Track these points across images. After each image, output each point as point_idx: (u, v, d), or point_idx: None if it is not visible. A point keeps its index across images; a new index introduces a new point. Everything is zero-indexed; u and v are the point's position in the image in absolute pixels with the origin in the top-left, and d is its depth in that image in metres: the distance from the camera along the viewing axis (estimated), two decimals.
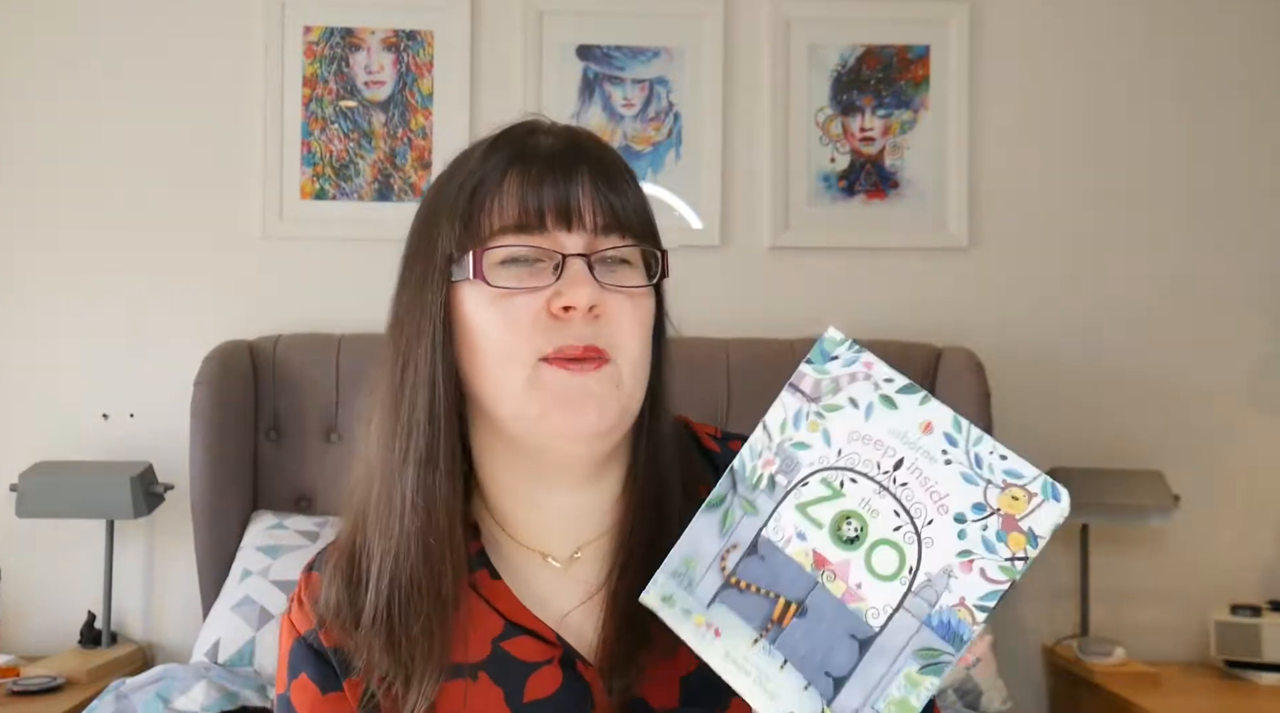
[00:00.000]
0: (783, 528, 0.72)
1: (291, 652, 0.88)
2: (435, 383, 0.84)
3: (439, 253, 0.86)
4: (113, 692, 1.94)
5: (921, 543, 0.69)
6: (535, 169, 0.84)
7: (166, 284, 2.55)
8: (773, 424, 0.75)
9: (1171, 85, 2.64)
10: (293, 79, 2.58)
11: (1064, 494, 0.69)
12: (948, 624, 0.67)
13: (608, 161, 0.86)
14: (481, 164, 0.86)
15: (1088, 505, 2.41)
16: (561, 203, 0.83)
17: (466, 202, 0.85)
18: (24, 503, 2.34)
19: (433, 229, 0.88)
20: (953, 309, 2.59)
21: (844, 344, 0.77)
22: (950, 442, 0.70)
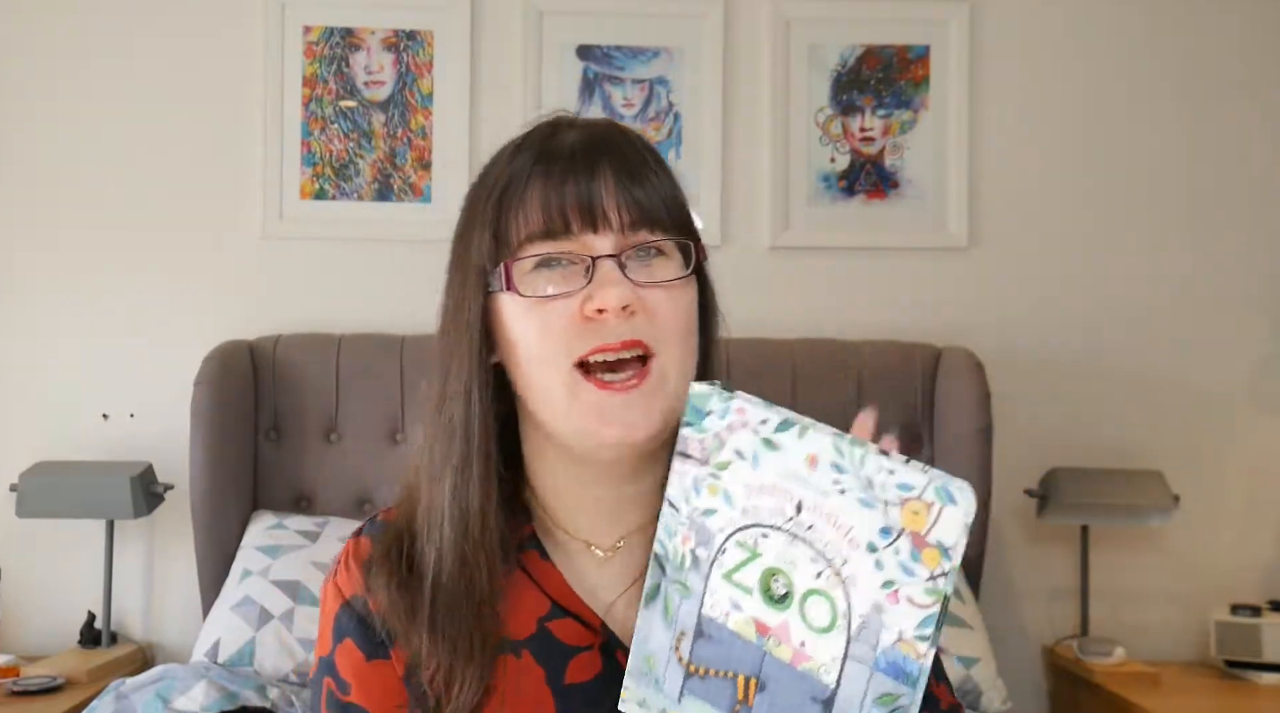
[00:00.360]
0: (719, 603, 0.70)
1: (337, 616, 0.88)
2: (471, 392, 0.85)
3: (474, 263, 0.86)
4: (113, 692, 1.94)
5: (845, 584, 0.65)
6: (557, 170, 0.83)
7: (166, 284, 2.55)
8: (677, 498, 0.72)
9: (1171, 85, 2.64)
10: (293, 79, 2.58)
11: (961, 492, 0.63)
12: (895, 664, 0.64)
13: (631, 154, 0.85)
14: (507, 167, 0.86)
15: (1088, 506, 2.41)
16: (584, 204, 0.82)
17: (495, 209, 0.85)
18: (24, 503, 2.34)
19: (468, 238, 0.88)
20: (953, 309, 2.59)
21: (713, 396, 0.71)
22: (838, 470, 0.66)
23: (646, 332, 0.82)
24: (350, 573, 0.88)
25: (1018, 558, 2.59)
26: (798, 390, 2.40)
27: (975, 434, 2.32)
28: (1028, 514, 2.57)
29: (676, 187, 0.87)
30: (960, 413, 2.35)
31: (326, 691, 0.87)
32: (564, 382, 0.82)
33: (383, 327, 2.49)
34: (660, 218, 0.85)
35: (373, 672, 0.86)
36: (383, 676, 0.86)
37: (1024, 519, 2.58)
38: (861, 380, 2.42)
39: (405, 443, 2.42)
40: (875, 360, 2.44)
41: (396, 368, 2.41)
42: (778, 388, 2.37)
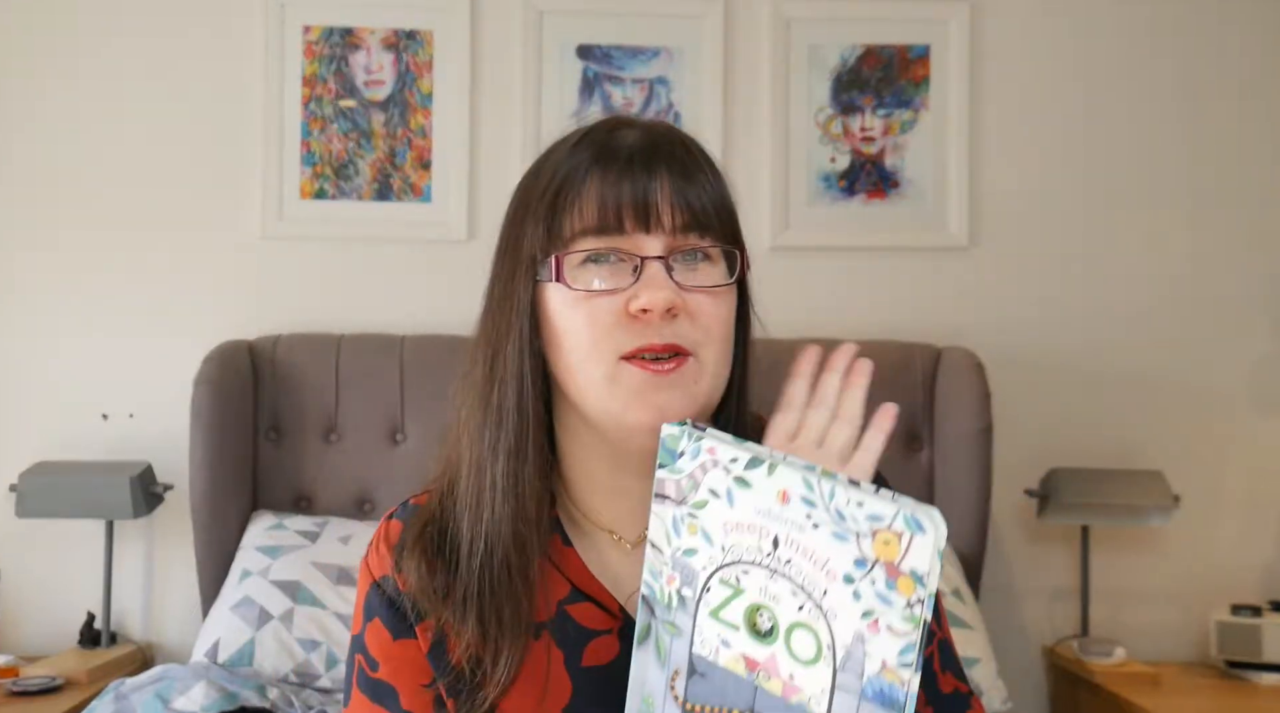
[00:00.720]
0: (708, 640, 0.71)
1: (367, 596, 0.93)
2: (524, 377, 0.87)
3: (525, 252, 0.88)
4: (112, 692, 1.94)
5: (827, 616, 0.66)
6: (615, 169, 0.85)
7: (166, 284, 2.55)
8: (659, 539, 0.73)
9: (1171, 85, 2.64)
10: (293, 79, 2.58)
11: (930, 519, 0.63)
12: (882, 692, 0.64)
13: (687, 158, 0.88)
14: (565, 162, 0.88)
15: (1088, 506, 2.41)
16: (639, 204, 0.85)
17: (550, 203, 0.87)
18: (24, 503, 2.34)
19: (520, 227, 0.89)
20: (953, 309, 2.59)
21: (682, 436, 0.72)
22: (808, 504, 0.66)
23: (688, 335, 0.85)
24: (380, 555, 0.93)
25: (1018, 558, 2.59)
26: None
27: (975, 434, 2.32)
28: (1028, 514, 2.57)
29: (727, 193, 0.90)
30: (960, 413, 2.35)
31: (358, 667, 0.92)
32: (606, 372, 0.85)
33: (383, 327, 2.49)
34: (710, 223, 0.87)
35: (400, 650, 0.90)
36: (409, 654, 0.90)
37: (1024, 519, 2.58)
38: None
39: (405, 443, 2.42)
40: (875, 360, 2.42)
41: (396, 368, 2.41)
42: (778, 388, 2.36)
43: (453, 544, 0.89)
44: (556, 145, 0.91)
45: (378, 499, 2.42)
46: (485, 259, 0.94)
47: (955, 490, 2.36)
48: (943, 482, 2.40)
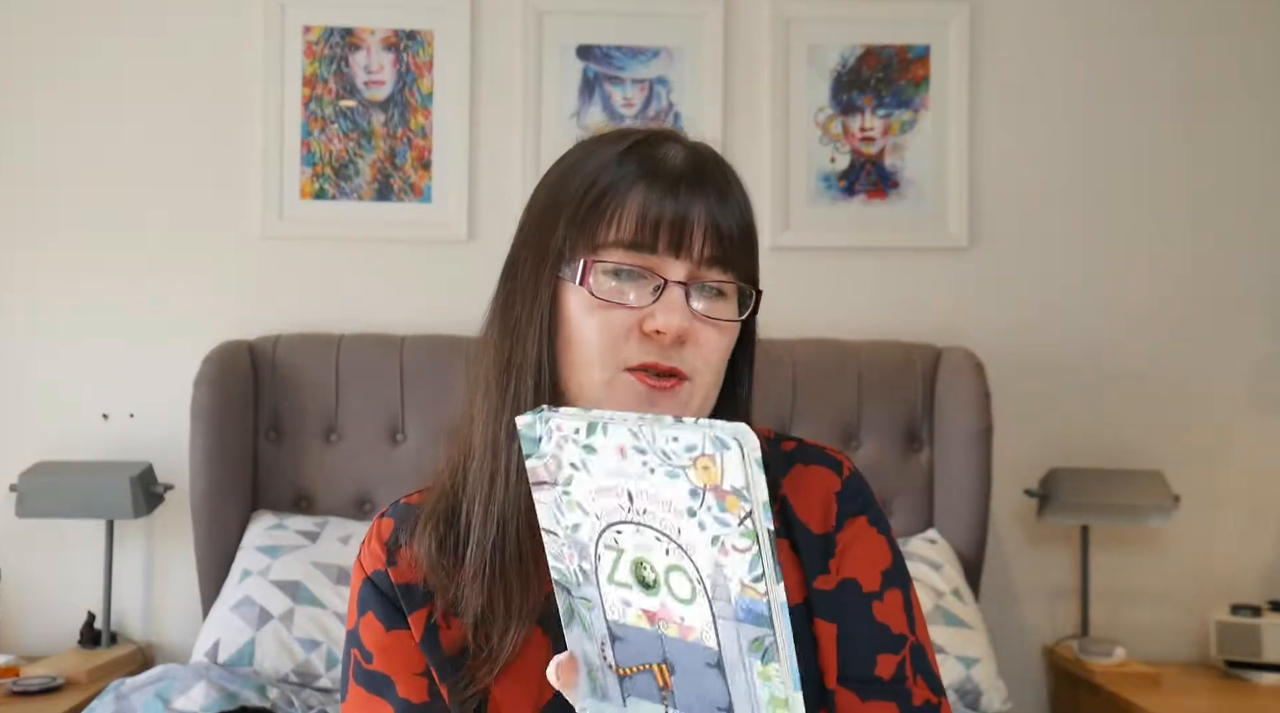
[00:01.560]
0: (614, 604, 0.74)
1: (360, 590, 0.95)
2: (541, 368, 0.89)
3: (552, 248, 0.89)
4: (113, 692, 1.94)
5: (688, 553, 0.69)
6: (660, 188, 0.87)
7: (166, 284, 2.55)
8: (549, 523, 0.76)
9: (1172, 85, 2.64)
10: (293, 79, 2.58)
11: (732, 435, 0.65)
12: (750, 610, 0.67)
13: (726, 189, 0.90)
14: (612, 168, 0.89)
15: (1088, 506, 2.41)
16: (676, 227, 0.87)
17: (589, 207, 0.88)
18: (24, 503, 2.34)
19: (550, 222, 0.90)
20: (953, 309, 2.59)
21: (536, 422, 0.75)
22: (640, 452, 0.69)
23: (690, 362, 0.88)
24: (372, 551, 0.95)
25: (1018, 558, 2.59)
26: (798, 390, 2.40)
27: (975, 434, 2.32)
28: (1028, 514, 2.57)
29: (754, 230, 0.93)
30: (960, 413, 2.35)
31: (353, 661, 0.94)
32: (607, 379, 0.87)
33: (383, 327, 2.49)
34: (736, 259, 0.90)
35: (393, 641, 0.93)
36: (402, 644, 0.92)
37: (1024, 519, 2.58)
38: (861, 380, 2.42)
39: (405, 443, 2.42)
40: (875, 360, 2.44)
41: (396, 368, 2.41)
42: (778, 388, 2.37)
43: (466, 524, 0.91)
44: (596, 145, 0.92)
45: (378, 499, 2.42)
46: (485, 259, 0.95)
47: (955, 491, 2.36)
48: (943, 482, 2.40)
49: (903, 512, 2.42)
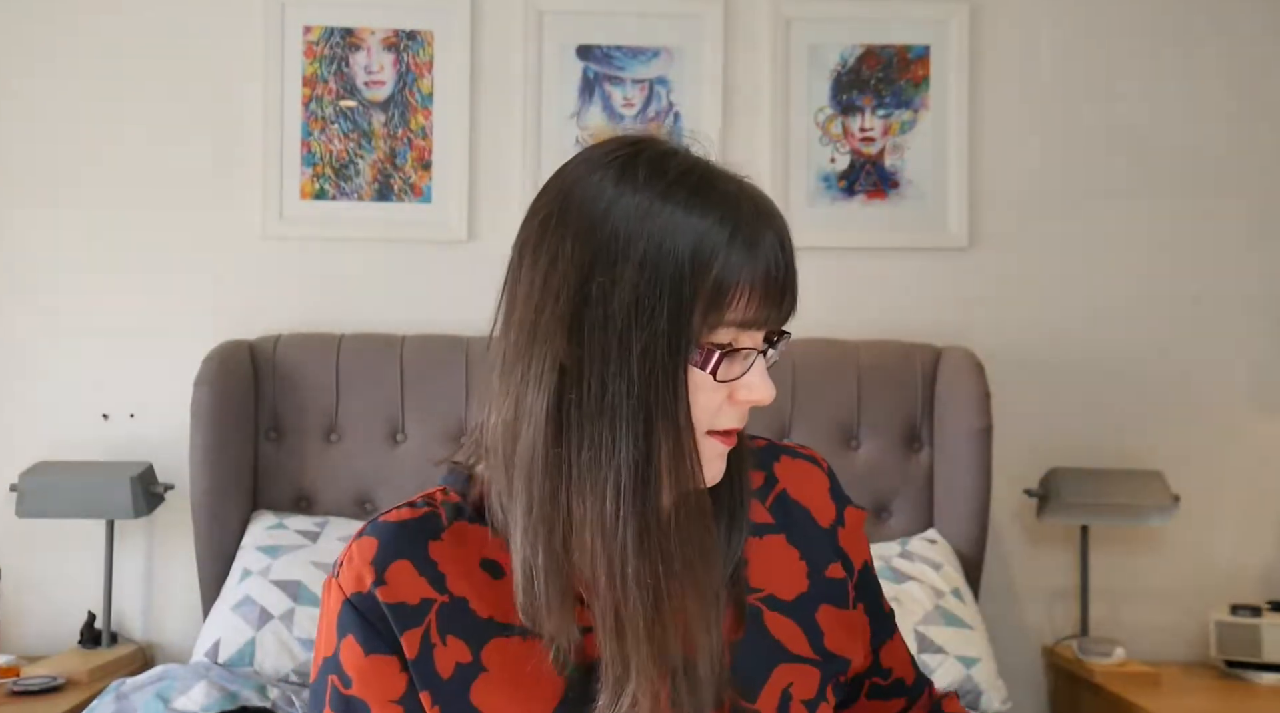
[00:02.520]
0: None
1: (340, 613, 0.90)
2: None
3: (684, 338, 0.85)
4: (113, 692, 1.94)
5: None
6: (778, 282, 0.90)
7: (166, 284, 2.55)
8: None
9: (1172, 85, 2.64)
10: (293, 79, 2.58)
11: None
12: None
13: (791, 250, 0.93)
14: (725, 252, 0.86)
15: (1087, 506, 2.41)
16: (785, 315, 0.91)
17: (711, 296, 0.85)
18: (24, 503, 2.34)
19: (673, 308, 0.84)
20: (953, 309, 2.59)
21: None
22: None
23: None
24: (353, 571, 0.90)
25: (1018, 558, 2.59)
26: (797, 390, 2.40)
27: (975, 434, 2.32)
28: (1028, 514, 2.57)
29: None
30: (960, 413, 2.35)
31: (331, 688, 0.89)
32: (686, 441, 0.85)
33: (383, 327, 2.49)
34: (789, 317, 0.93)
35: (370, 666, 0.88)
36: (380, 670, 0.88)
37: (1024, 519, 2.58)
38: (861, 380, 2.42)
39: (405, 443, 2.42)
40: (875, 360, 2.44)
41: (396, 368, 2.41)
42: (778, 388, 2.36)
43: (506, 520, 0.88)
44: (664, 203, 0.86)
45: (378, 499, 2.42)
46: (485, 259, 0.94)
47: (955, 490, 2.36)
48: (943, 482, 2.40)
49: (902, 512, 2.42)
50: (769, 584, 0.95)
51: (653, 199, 0.86)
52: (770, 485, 0.99)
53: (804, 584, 0.95)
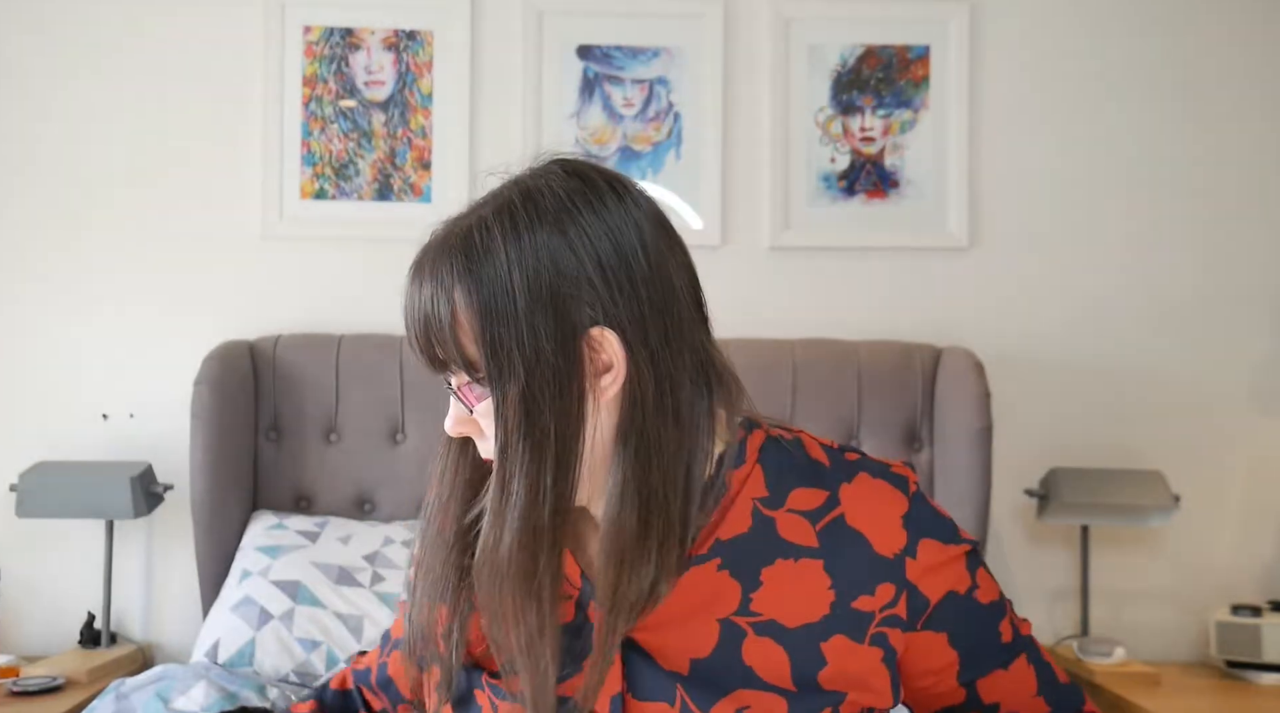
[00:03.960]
0: None
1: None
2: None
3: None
4: (113, 692, 1.94)
5: None
6: (409, 331, 1.03)
7: (166, 284, 2.55)
8: None
9: (1172, 85, 2.64)
10: (293, 79, 2.58)
11: None
12: None
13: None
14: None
15: (1088, 506, 2.41)
16: (426, 362, 1.01)
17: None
18: (24, 503, 2.34)
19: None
20: (953, 309, 2.59)
21: None
22: None
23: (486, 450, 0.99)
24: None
25: (1018, 558, 2.59)
26: (798, 390, 2.40)
27: (975, 434, 2.32)
28: (1028, 514, 2.57)
29: (439, 308, 0.98)
30: (960, 413, 2.35)
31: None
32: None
33: (383, 327, 2.49)
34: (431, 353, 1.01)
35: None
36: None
37: (1024, 519, 2.58)
38: (861, 380, 2.42)
39: (405, 443, 2.42)
40: (875, 360, 2.44)
41: (396, 368, 2.41)
42: (778, 388, 2.37)
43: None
44: (674, 236, 0.98)
45: (378, 499, 2.42)
46: None
47: (955, 490, 2.36)
48: (943, 482, 2.40)
49: None
50: (776, 611, 0.92)
51: None
52: (829, 508, 0.95)
53: (821, 612, 0.92)
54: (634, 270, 0.89)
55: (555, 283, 0.87)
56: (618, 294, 0.89)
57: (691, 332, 0.93)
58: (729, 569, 0.93)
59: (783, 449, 0.97)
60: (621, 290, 0.89)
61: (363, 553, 2.24)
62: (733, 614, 0.92)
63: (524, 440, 0.87)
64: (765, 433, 0.98)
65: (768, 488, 0.95)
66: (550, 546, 0.89)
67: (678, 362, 0.91)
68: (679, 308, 0.92)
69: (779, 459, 0.97)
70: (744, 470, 0.95)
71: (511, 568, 0.88)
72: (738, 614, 0.92)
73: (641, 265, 0.90)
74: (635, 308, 0.89)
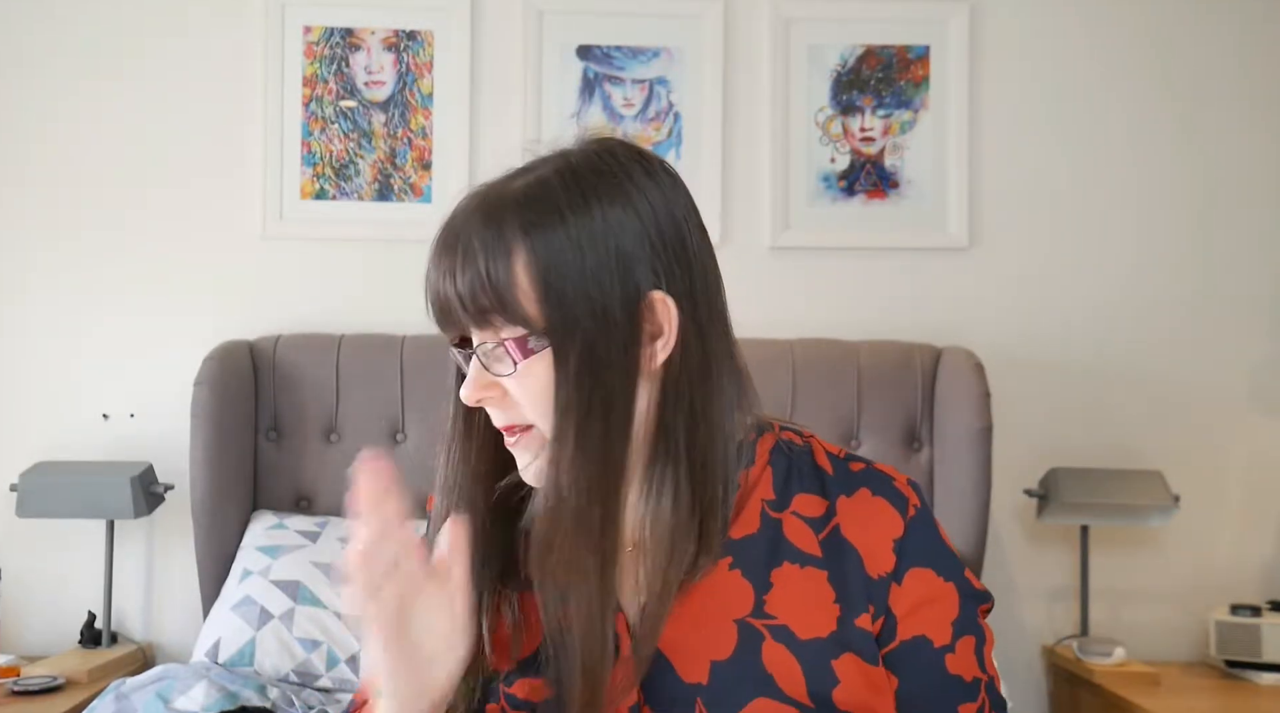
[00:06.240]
0: None
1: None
2: None
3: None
4: (113, 692, 1.94)
5: None
6: (429, 295, 0.98)
7: (166, 284, 2.55)
8: None
9: (1172, 85, 2.64)
10: (293, 79, 2.58)
11: None
12: None
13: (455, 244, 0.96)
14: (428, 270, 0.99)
15: (1087, 506, 2.41)
16: (445, 327, 0.96)
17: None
18: (24, 503, 2.34)
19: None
20: (953, 309, 2.59)
21: None
22: None
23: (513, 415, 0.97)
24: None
25: (1018, 558, 2.59)
26: (798, 390, 2.40)
27: (975, 434, 2.32)
28: (1028, 514, 2.57)
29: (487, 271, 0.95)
30: (960, 413, 2.35)
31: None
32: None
33: (383, 327, 2.49)
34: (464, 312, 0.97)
35: None
36: None
37: (1024, 519, 2.58)
38: (861, 380, 2.42)
39: (405, 443, 2.42)
40: (875, 360, 2.44)
41: (396, 368, 2.41)
42: (778, 388, 2.37)
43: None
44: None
45: None
46: None
47: (955, 490, 2.36)
48: (943, 482, 2.40)
49: None
50: (787, 616, 0.91)
51: None
52: (828, 518, 0.94)
53: (831, 627, 0.90)
54: (686, 244, 0.91)
55: (620, 243, 0.88)
56: (674, 263, 0.90)
57: (724, 318, 0.95)
58: (740, 569, 0.92)
59: (792, 453, 0.97)
60: (677, 260, 0.90)
61: None
62: (748, 616, 0.91)
63: (589, 393, 0.86)
64: (775, 436, 0.98)
65: (775, 490, 0.94)
66: (611, 495, 0.88)
67: (719, 340, 0.93)
68: (717, 289, 0.94)
69: (787, 463, 0.96)
70: (755, 471, 0.95)
71: (573, 520, 0.87)
72: (753, 616, 0.91)
73: (693, 240, 0.92)
74: (687, 280, 0.90)
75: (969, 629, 0.94)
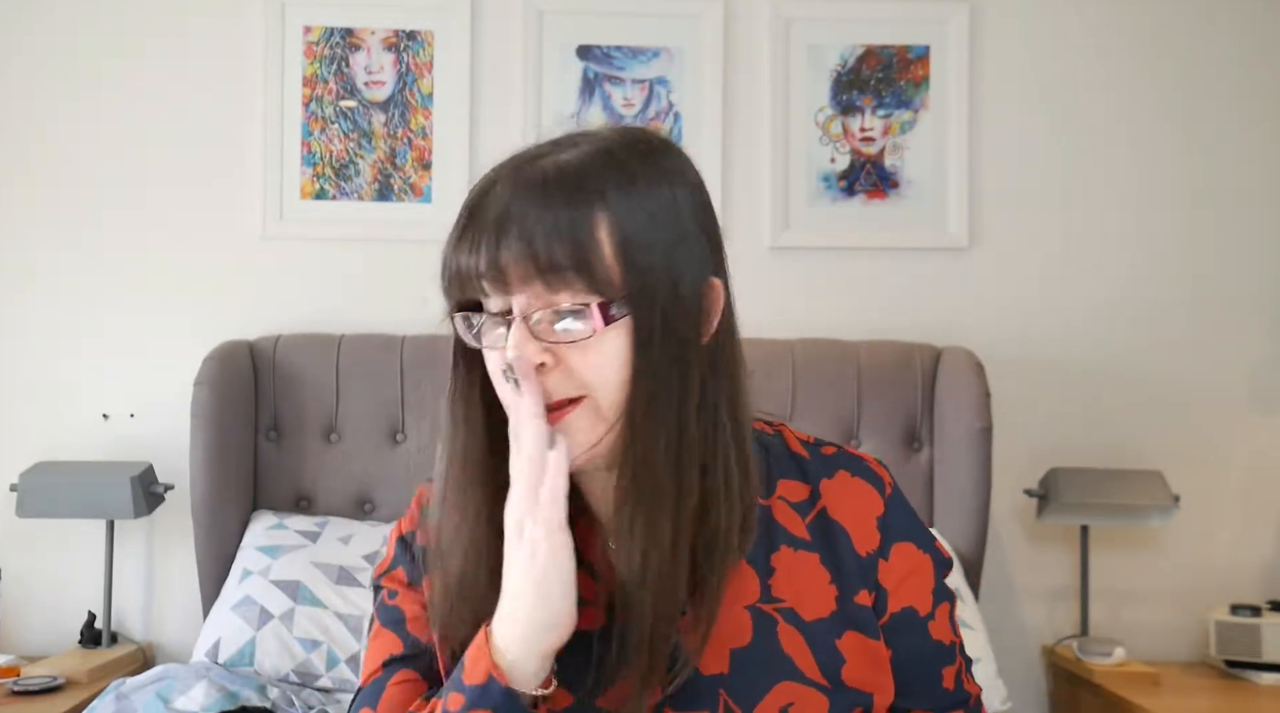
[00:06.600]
0: None
1: (395, 547, 1.01)
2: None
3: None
4: (113, 692, 1.94)
5: None
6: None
7: (166, 284, 2.55)
8: None
9: (1171, 85, 2.64)
10: (293, 79, 2.58)
11: None
12: None
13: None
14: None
15: (1087, 506, 2.41)
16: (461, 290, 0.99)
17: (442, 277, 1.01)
18: (24, 503, 2.34)
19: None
20: (953, 309, 2.59)
21: None
22: None
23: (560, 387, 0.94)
24: (410, 512, 1.01)
25: (1018, 558, 2.59)
26: (798, 390, 2.40)
27: (975, 434, 2.32)
28: (1028, 514, 2.57)
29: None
30: (960, 413, 2.35)
31: (380, 600, 1.00)
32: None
33: (383, 327, 2.49)
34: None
35: (413, 594, 0.98)
36: (417, 597, 0.98)
37: (1024, 519, 2.58)
38: (861, 380, 2.42)
39: (405, 443, 2.42)
40: (875, 360, 2.44)
41: (396, 368, 2.41)
42: (778, 388, 2.37)
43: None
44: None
45: (378, 499, 2.42)
46: None
47: (955, 490, 2.36)
48: (943, 482, 2.40)
49: None
50: (793, 599, 0.92)
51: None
52: (813, 502, 0.95)
53: (831, 607, 0.92)
54: (719, 232, 0.94)
55: (685, 222, 0.89)
56: (718, 248, 0.93)
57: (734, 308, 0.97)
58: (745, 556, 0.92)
59: (766, 441, 0.98)
60: (717, 247, 0.93)
61: (363, 553, 2.24)
62: (759, 602, 0.92)
63: (665, 366, 0.86)
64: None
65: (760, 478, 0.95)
66: (686, 469, 0.86)
67: (736, 332, 0.95)
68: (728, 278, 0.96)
69: (765, 451, 0.97)
70: None
71: (651, 494, 0.85)
72: (763, 602, 0.92)
73: (720, 230, 0.95)
74: (725, 266, 0.94)
75: (944, 596, 0.98)
